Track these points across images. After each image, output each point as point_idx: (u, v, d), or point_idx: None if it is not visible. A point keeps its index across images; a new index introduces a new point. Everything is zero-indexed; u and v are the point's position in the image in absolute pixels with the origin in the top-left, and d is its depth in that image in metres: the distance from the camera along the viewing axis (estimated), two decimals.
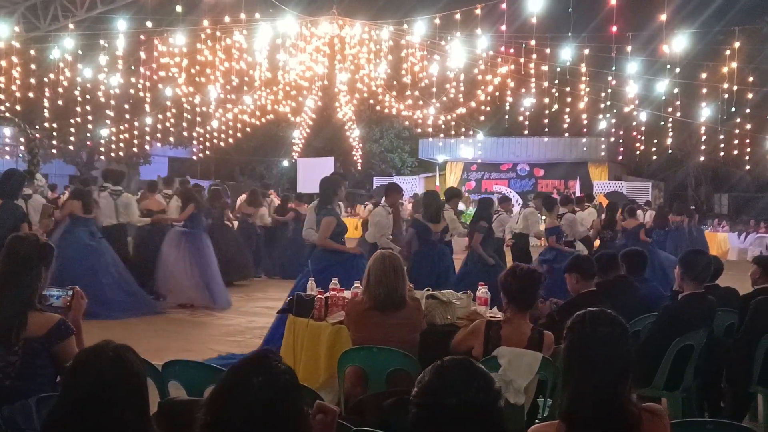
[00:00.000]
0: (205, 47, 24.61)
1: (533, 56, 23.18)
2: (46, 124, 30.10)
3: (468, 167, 44.13)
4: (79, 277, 9.64)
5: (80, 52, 24.93)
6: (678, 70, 23.19)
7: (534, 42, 22.02)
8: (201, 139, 33.95)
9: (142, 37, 24.71)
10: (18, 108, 25.95)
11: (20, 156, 35.00)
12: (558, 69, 24.87)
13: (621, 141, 36.39)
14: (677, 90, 25.51)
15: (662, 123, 29.69)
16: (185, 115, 31.12)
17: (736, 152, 31.29)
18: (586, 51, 23.00)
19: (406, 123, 39.74)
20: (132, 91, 28.44)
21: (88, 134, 33.80)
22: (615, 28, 19.20)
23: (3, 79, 24.73)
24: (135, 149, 37.32)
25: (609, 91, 26.43)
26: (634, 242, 14.88)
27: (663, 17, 18.85)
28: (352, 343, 5.99)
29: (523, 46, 22.80)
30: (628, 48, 22.06)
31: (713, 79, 25.35)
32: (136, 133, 32.88)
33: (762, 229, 31.49)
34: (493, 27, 22.73)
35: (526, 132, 30.79)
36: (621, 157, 39.55)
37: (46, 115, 28.78)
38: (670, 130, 30.32)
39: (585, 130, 31.69)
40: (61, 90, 25.74)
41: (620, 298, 6.58)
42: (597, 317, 3.23)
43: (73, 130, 31.48)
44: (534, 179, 43.05)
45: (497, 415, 2.72)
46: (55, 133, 33.76)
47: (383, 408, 4.39)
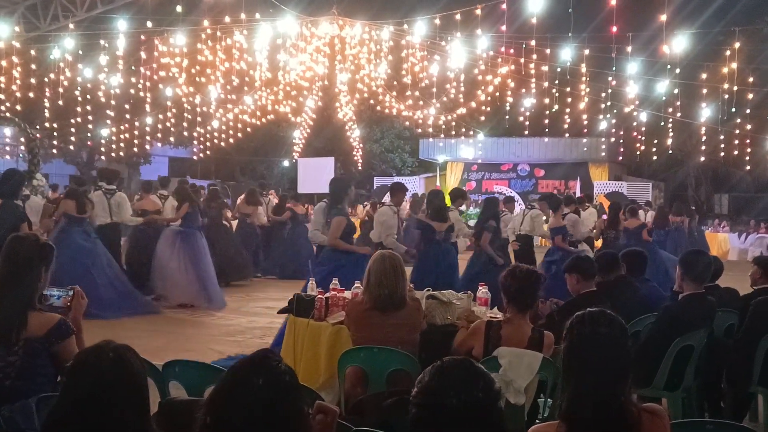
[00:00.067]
0: (205, 47, 24.62)
1: (533, 56, 23.21)
2: (47, 124, 30.12)
3: (468, 167, 44.09)
4: (74, 277, 9.62)
5: (80, 52, 24.94)
6: (678, 70, 23.23)
7: (534, 42, 22.05)
8: (201, 139, 33.96)
9: (143, 37, 24.73)
10: (18, 108, 25.96)
11: (21, 156, 34.97)
12: (558, 69, 24.91)
13: (621, 141, 36.39)
14: (677, 90, 25.52)
15: (662, 123, 29.69)
16: (186, 115, 31.13)
17: (736, 152, 31.31)
18: (587, 51, 23.03)
19: (407, 123, 39.72)
20: (132, 91, 28.46)
21: (89, 134, 33.81)
22: (615, 29, 19.25)
23: (3, 79, 24.73)
24: (135, 149, 37.35)
25: (609, 91, 26.45)
26: (637, 242, 14.86)
27: (663, 18, 18.88)
28: (353, 343, 5.99)
29: (523, 46, 22.83)
30: (629, 48, 22.08)
31: (713, 79, 25.36)
32: (136, 133, 32.88)
33: (762, 229, 31.47)
34: (494, 27, 22.77)
35: (527, 132, 30.80)
36: (621, 158, 39.56)
37: (47, 115, 28.80)
38: (671, 130, 30.33)
39: (585, 130, 31.70)
40: (61, 90, 25.74)
41: (620, 299, 6.59)
42: (596, 318, 3.24)
43: (73, 130, 31.52)
44: (534, 179, 43.02)
45: (497, 416, 2.72)
46: (55, 133, 33.81)
47: (383, 408, 4.39)
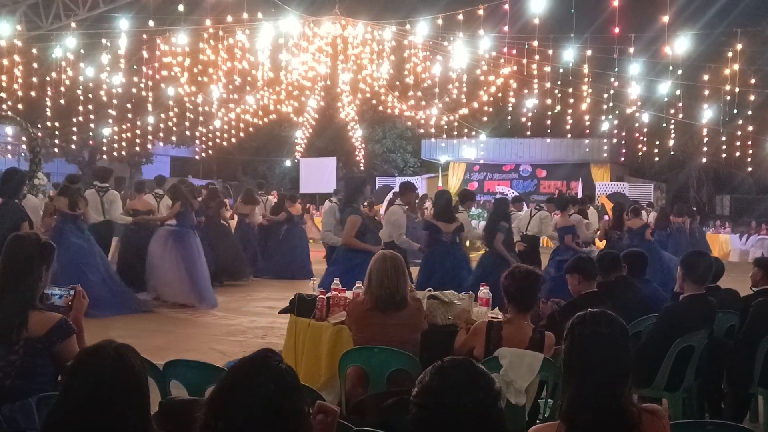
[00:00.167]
0: (207, 47, 24.61)
1: (536, 57, 23.21)
2: (48, 123, 30.14)
3: (470, 168, 44.06)
4: (66, 275, 9.63)
5: (82, 51, 24.91)
6: (680, 71, 23.18)
7: (536, 43, 22.05)
8: (203, 138, 33.94)
9: (145, 36, 24.71)
10: (20, 107, 25.97)
11: (22, 155, 35.00)
12: (560, 70, 24.91)
13: (623, 142, 36.32)
14: (679, 91, 25.48)
15: (664, 124, 29.64)
16: (188, 114, 31.13)
17: (738, 154, 31.33)
18: (589, 52, 23.02)
19: (409, 123, 39.71)
20: (134, 91, 28.48)
21: (90, 133, 33.82)
22: (617, 30, 19.22)
23: (5, 77, 24.72)
24: (137, 148, 37.39)
25: (611, 92, 26.41)
26: (640, 242, 14.90)
27: (665, 19, 18.87)
28: (354, 343, 6.00)
29: (525, 47, 22.81)
30: (631, 49, 22.06)
31: (715, 80, 25.35)
32: (138, 132, 32.86)
33: (763, 230, 31.43)
34: (496, 28, 22.74)
35: (529, 133, 30.75)
36: (623, 159, 39.50)
37: (48, 114, 28.82)
38: (672, 131, 30.28)
39: (587, 131, 31.66)
40: (63, 89, 25.72)
41: (621, 299, 6.59)
42: (597, 318, 3.24)
43: (75, 129, 31.54)
44: (536, 180, 43.01)
45: (497, 416, 2.72)
46: (57, 132, 33.82)
47: (384, 408, 4.39)
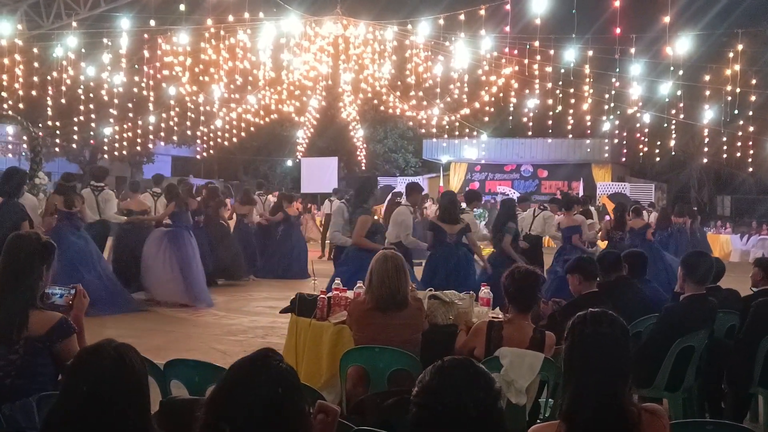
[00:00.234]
0: (208, 46, 24.62)
1: (537, 57, 23.21)
2: (49, 123, 30.10)
3: (472, 168, 44.07)
4: (63, 273, 9.64)
5: (83, 50, 24.90)
6: (681, 72, 23.16)
7: (538, 43, 22.06)
8: (205, 138, 33.91)
9: (146, 35, 24.71)
10: (21, 106, 25.96)
11: (23, 154, 35.01)
12: (562, 70, 24.91)
13: (624, 142, 36.29)
14: (680, 92, 25.46)
15: (665, 125, 29.63)
16: (189, 114, 31.12)
17: (738, 154, 31.30)
18: (590, 52, 23.02)
19: (410, 123, 39.72)
20: (135, 90, 28.50)
21: (91, 133, 33.78)
22: (618, 30, 19.23)
23: (6, 77, 24.72)
24: (138, 148, 37.37)
25: (612, 92, 26.39)
26: (641, 242, 14.91)
27: (666, 19, 18.88)
28: (354, 343, 6.00)
29: (527, 47, 22.82)
30: (632, 50, 22.05)
31: (716, 81, 25.34)
32: (139, 131, 32.86)
33: (764, 231, 31.45)
34: (497, 28, 22.73)
35: (530, 133, 30.74)
36: (624, 159, 39.47)
37: (49, 113, 28.76)
38: (674, 132, 30.25)
39: (588, 131, 31.63)
40: (64, 88, 25.71)
41: (621, 299, 6.59)
42: (598, 318, 3.25)
43: (76, 128, 31.51)
44: (537, 180, 42.99)
45: (498, 415, 2.71)
46: (58, 132, 33.78)
47: (384, 408, 4.39)
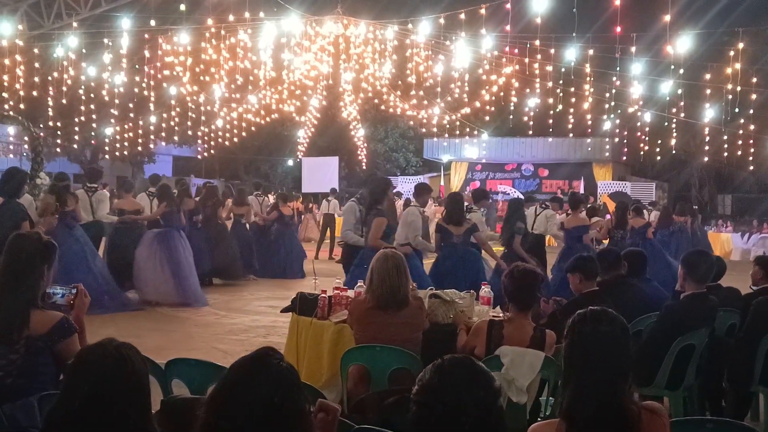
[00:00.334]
0: (209, 46, 24.62)
1: (538, 56, 23.21)
2: (50, 123, 30.12)
3: (472, 167, 44.06)
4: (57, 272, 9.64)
5: (84, 50, 24.90)
6: (682, 71, 23.13)
7: (538, 42, 22.05)
8: (205, 138, 33.92)
9: (146, 35, 24.72)
10: (22, 106, 25.94)
11: (24, 155, 35.01)
12: (562, 69, 24.88)
13: (625, 141, 36.27)
14: (681, 91, 25.43)
15: (666, 124, 29.60)
16: (190, 114, 31.13)
17: (739, 153, 31.26)
18: (591, 51, 23.00)
19: (411, 123, 39.73)
20: (136, 90, 28.52)
21: (92, 133, 33.81)
22: (619, 29, 19.21)
23: (6, 77, 24.73)
24: (139, 148, 37.38)
25: (613, 91, 26.38)
26: (643, 241, 14.91)
27: (667, 18, 18.87)
28: (355, 341, 6.01)
29: (527, 46, 22.81)
30: (633, 49, 22.01)
31: (717, 80, 25.31)
32: (140, 131, 32.86)
33: (765, 229, 31.43)
34: (498, 27, 22.72)
35: (531, 132, 30.74)
36: (625, 158, 39.47)
37: (50, 113, 28.80)
38: (674, 130, 30.21)
39: (589, 130, 31.68)
40: (65, 88, 25.72)
41: (621, 298, 6.59)
42: (597, 316, 3.25)
43: (77, 128, 31.53)
44: (538, 179, 42.98)
45: (498, 414, 2.72)
46: (59, 132, 33.82)
47: (385, 407, 4.40)
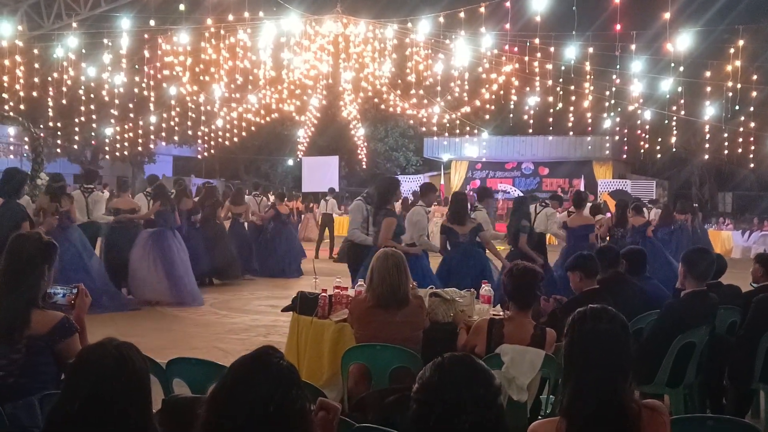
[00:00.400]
0: (209, 46, 24.60)
1: (537, 55, 23.18)
2: (50, 123, 30.13)
3: (473, 166, 44.10)
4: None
5: (84, 50, 24.89)
6: (682, 68, 23.10)
7: (538, 41, 22.02)
8: (205, 138, 33.92)
9: (146, 35, 24.70)
10: (22, 107, 25.95)
11: (24, 155, 35.05)
12: (562, 68, 24.88)
13: (625, 139, 36.28)
14: (681, 88, 25.40)
15: (666, 121, 29.62)
16: (190, 113, 31.13)
17: (740, 151, 31.23)
18: (591, 49, 22.97)
19: (411, 122, 39.70)
20: (136, 90, 28.52)
21: (93, 133, 33.83)
22: (619, 27, 19.20)
23: (6, 78, 24.72)
24: (140, 148, 37.39)
25: (613, 89, 26.36)
26: (642, 239, 14.91)
27: (667, 16, 18.85)
28: (356, 340, 6.02)
29: (527, 44, 22.80)
30: (632, 46, 21.99)
31: (717, 77, 25.27)
32: (140, 132, 32.87)
33: (766, 227, 31.41)
34: (498, 25, 22.70)
35: (531, 131, 30.74)
36: (625, 156, 39.45)
37: (50, 114, 28.80)
38: (675, 128, 30.21)
39: (589, 128, 31.65)
40: (65, 89, 25.72)
41: (621, 295, 6.59)
42: (597, 314, 3.25)
43: (77, 129, 31.57)
44: (538, 178, 43.01)
45: (497, 412, 2.72)
46: (59, 132, 33.84)
47: (385, 405, 4.41)
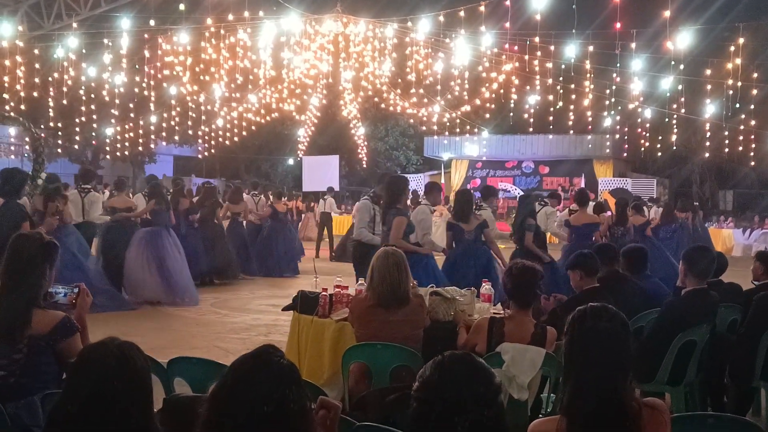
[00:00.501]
0: (209, 45, 24.62)
1: (537, 53, 23.20)
2: (51, 124, 30.15)
3: (473, 165, 44.05)
4: None
5: (84, 50, 24.92)
6: (682, 66, 23.11)
7: (538, 39, 22.03)
8: (206, 137, 33.94)
9: (146, 35, 24.72)
10: (22, 107, 25.94)
11: (25, 155, 35.05)
12: (562, 66, 24.89)
13: (626, 138, 36.25)
14: (682, 87, 25.41)
15: (667, 120, 29.62)
16: (190, 113, 31.14)
17: (740, 149, 31.23)
18: (591, 48, 22.98)
19: (411, 121, 39.71)
20: (136, 90, 28.55)
21: (93, 133, 33.85)
22: (619, 25, 19.21)
23: (7, 78, 24.75)
24: (140, 148, 37.39)
25: (613, 87, 26.36)
26: (642, 238, 14.91)
27: (667, 14, 18.86)
28: (356, 339, 6.02)
29: (527, 43, 22.80)
30: (633, 45, 22.01)
31: (718, 75, 25.28)
32: (141, 131, 32.88)
33: (766, 225, 31.41)
34: (498, 24, 22.71)
35: (531, 129, 30.77)
36: (626, 154, 39.38)
37: (51, 114, 28.84)
38: (675, 126, 30.20)
39: (590, 127, 31.65)
40: (65, 89, 25.75)
41: (621, 294, 6.60)
42: (597, 312, 3.25)
43: (77, 129, 31.59)
44: (539, 176, 42.95)
45: (497, 410, 2.72)
46: (60, 132, 33.85)
47: (386, 404, 4.41)
